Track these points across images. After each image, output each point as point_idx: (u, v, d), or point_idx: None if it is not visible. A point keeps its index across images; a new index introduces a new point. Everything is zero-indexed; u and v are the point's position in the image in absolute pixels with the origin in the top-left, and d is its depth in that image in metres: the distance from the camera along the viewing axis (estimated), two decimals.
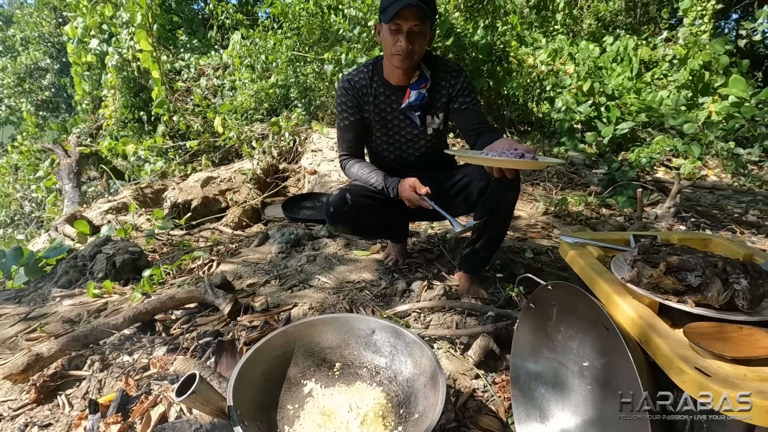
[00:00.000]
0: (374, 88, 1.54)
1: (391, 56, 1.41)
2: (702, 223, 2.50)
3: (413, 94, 1.52)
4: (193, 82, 7.67)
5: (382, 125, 1.60)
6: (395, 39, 1.37)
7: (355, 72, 1.57)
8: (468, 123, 1.56)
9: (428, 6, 1.35)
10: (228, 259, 1.99)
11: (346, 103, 1.56)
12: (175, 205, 3.36)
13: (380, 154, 1.69)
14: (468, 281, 1.67)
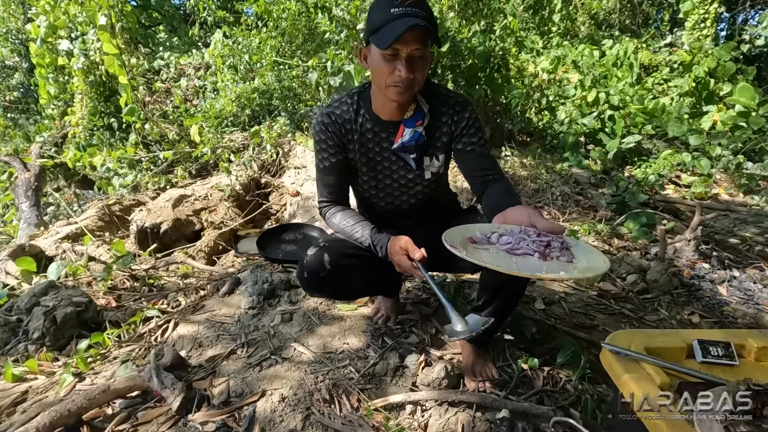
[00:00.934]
0: (360, 124, 1.24)
1: (386, 87, 1.10)
2: (726, 259, 2.26)
3: (407, 132, 1.22)
4: (173, 82, 7.29)
5: (370, 167, 1.29)
6: (392, 67, 1.07)
7: (336, 104, 1.26)
8: (473, 168, 1.26)
9: (430, 23, 1.06)
10: (189, 317, 1.68)
11: (326, 141, 1.25)
12: (142, 230, 3.03)
13: (367, 200, 1.39)
14: (473, 354, 1.39)
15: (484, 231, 1.01)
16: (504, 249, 0.94)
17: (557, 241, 0.92)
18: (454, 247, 0.88)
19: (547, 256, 0.90)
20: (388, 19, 1.03)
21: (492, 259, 0.88)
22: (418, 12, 1.03)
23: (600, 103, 3.68)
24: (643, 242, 2.49)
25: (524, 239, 0.93)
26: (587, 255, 0.90)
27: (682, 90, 4.79)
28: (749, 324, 1.75)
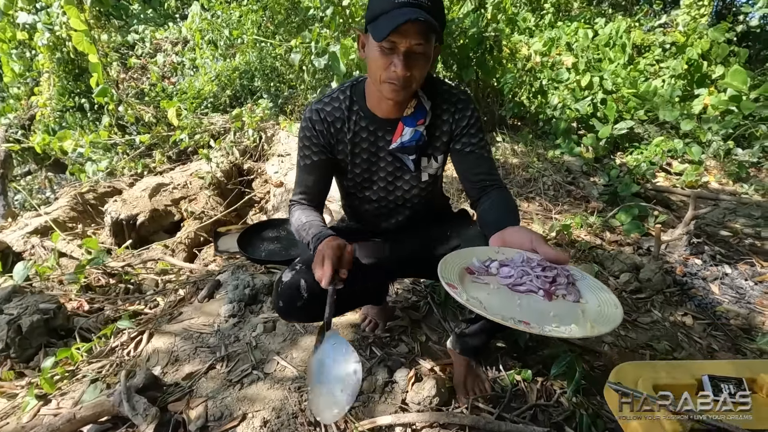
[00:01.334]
0: (353, 122, 1.12)
1: (380, 83, 0.99)
2: (717, 254, 2.23)
3: (407, 131, 1.10)
4: (149, 58, 6.93)
5: (364, 169, 1.18)
6: (387, 61, 0.95)
7: (327, 99, 1.13)
8: (471, 171, 1.16)
9: (437, 17, 0.93)
10: (164, 327, 1.58)
11: (310, 139, 1.13)
12: (117, 222, 2.88)
13: (356, 202, 1.27)
14: (465, 366, 1.33)
15: (481, 258, 0.92)
16: (506, 284, 0.84)
17: (563, 276, 0.84)
18: (452, 286, 0.78)
19: (552, 294, 0.81)
20: (389, 6, 0.91)
21: (494, 299, 0.80)
22: (423, 2, 0.91)
23: (594, 87, 3.58)
24: (635, 236, 2.45)
25: (527, 273, 0.84)
26: (595, 293, 0.82)
27: (675, 72, 4.70)
28: (742, 325, 1.73)
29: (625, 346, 1.59)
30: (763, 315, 1.80)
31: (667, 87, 4.54)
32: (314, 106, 1.13)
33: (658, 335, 1.66)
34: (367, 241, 1.26)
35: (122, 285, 2.38)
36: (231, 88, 4.62)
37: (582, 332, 0.71)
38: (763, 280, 2.04)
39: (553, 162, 3.29)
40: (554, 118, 3.53)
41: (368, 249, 1.23)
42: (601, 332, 0.71)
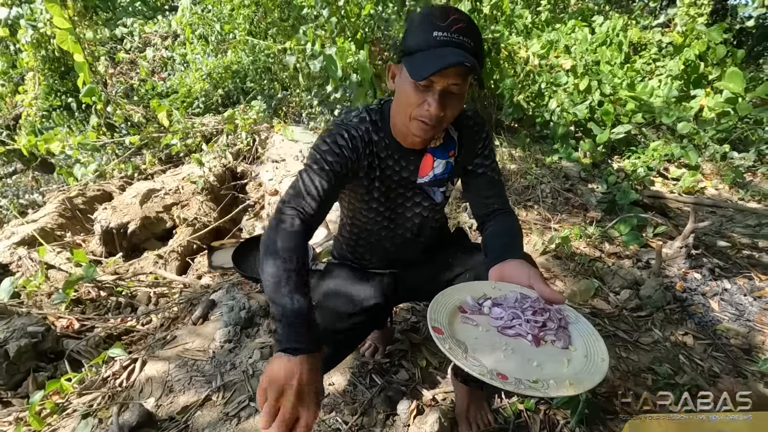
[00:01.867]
0: (379, 149, 1.03)
1: (410, 119, 0.93)
2: (716, 267, 2.22)
3: (439, 164, 1.04)
4: (138, 52, 6.78)
5: (386, 198, 1.10)
6: (421, 98, 0.89)
7: (355, 120, 1.02)
8: (481, 194, 1.12)
9: (478, 56, 0.87)
10: (158, 353, 1.53)
11: (335, 149, 0.97)
12: (107, 231, 2.80)
13: (363, 227, 1.17)
14: (467, 396, 1.31)
15: (476, 294, 0.89)
16: (495, 326, 0.82)
17: (554, 320, 0.81)
18: (438, 330, 0.75)
19: (541, 340, 0.79)
20: (428, 44, 0.85)
21: (481, 342, 0.77)
22: (465, 42, 0.85)
23: (592, 90, 3.54)
24: (634, 248, 2.44)
25: (518, 316, 0.82)
26: (585, 340, 0.79)
27: (672, 73, 4.68)
28: (742, 345, 1.72)
29: (627, 369, 1.58)
30: (763, 333, 1.80)
31: (664, 87, 4.53)
32: (341, 125, 1.01)
33: (660, 357, 1.65)
34: (373, 279, 1.20)
35: (113, 298, 2.33)
36: (223, 87, 4.52)
37: (557, 391, 0.68)
38: (761, 296, 2.04)
39: (551, 168, 3.26)
40: (552, 122, 3.50)
41: (376, 288, 1.17)
42: (579, 391, 0.68)
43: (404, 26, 0.96)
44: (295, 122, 3.77)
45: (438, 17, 0.85)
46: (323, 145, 0.97)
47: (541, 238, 2.42)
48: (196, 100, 4.50)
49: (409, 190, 1.10)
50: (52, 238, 2.83)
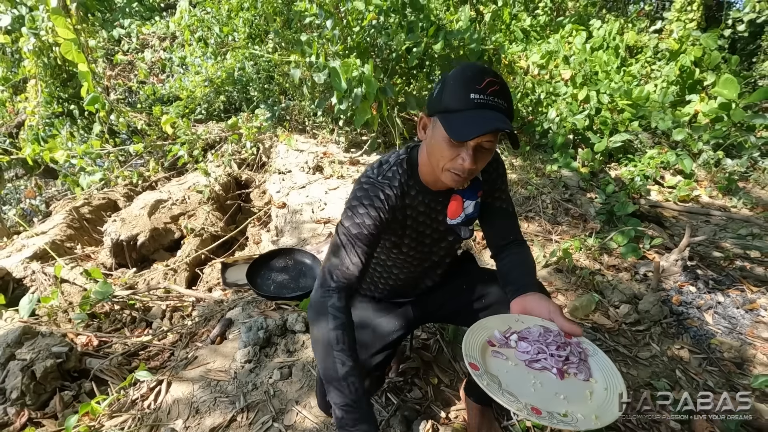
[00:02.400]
0: (411, 197, 1.10)
1: (442, 170, 0.97)
2: (710, 279, 2.32)
3: (469, 205, 1.11)
4: (136, 54, 6.76)
5: (417, 242, 1.17)
6: (455, 153, 0.93)
7: (389, 175, 1.07)
8: (498, 225, 1.20)
9: (510, 114, 0.93)
10: (182, 374, 1.60)
11: (371, 213, 1.03)
12: (118, 243, 2.85)
13: (392, 267, 1.24)
14: (479, 415, 1.40)
15: (502, 328, 0.97)
16: (523, 360, 0.90)
17: (575, 354, 0.90)
18: (474, 366, 0.83)
19: (564, 373, 0.87)
20: (464, 105, 0.89)
21: (511, 377, 0.85)
22: (500, 104, 0.90)
23: (591, 100, 3.62)
24: (632, 259, 2.53)
25: (543, 351, 0.90)
26: (605, 374, 0.87)
27: (668, 79, 4.77)
28: (734, 359, 1.82)
29: (627, 384, 1.67)
30: (754, 347, 1.90)
31: (660, 92, 4.62)
32: (378, 183, 1.06)
33: (657, 372, 1.74)
34: (394, 310, 1.28)
35: (128, 312, 2.39)
36: (225, 93, 4.54)
37: (585, 425, 0.76)
38: (753, 308, 2.14)
39: (550, 177, 3.34)
40: (551, 131, 3.57)
41: (399, 319, 1.25)
42: (604, 424, 0.77)
43: (438, 84, 1.00)
44: (299, 131, 3.81)
45: (474, 80, 0.89)
46: (360, 208, 1.03)
47: (542, 250, 2.51)
48: (198, 107, 4.51)
49: (437, 232, 1.17)
50: (63, 250, 2.88)
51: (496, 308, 1.21)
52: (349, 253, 1.01)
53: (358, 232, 1.01)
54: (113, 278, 2.69)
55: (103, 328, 2.23)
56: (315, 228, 2.59)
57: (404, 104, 3.42)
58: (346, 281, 1.00)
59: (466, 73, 0.92)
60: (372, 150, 3.53)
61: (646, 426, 1.50)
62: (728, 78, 4.30)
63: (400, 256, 1.20)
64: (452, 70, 0.96)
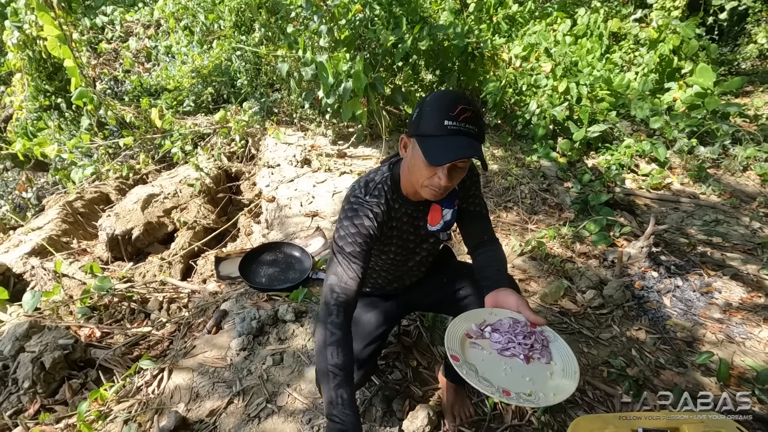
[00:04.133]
0: (396, 209, 1.23)
1: (421, 186, 1.10)
2: (672, 265, 2.50)
3: (447, 213, 1.26)
4: (120, 42, 6.70)
5: (402, 248, 1.32)
6: (431, 172, 1.06)
7: (375, 194, 1.20)
8: (473, 228, 1.35)
9: (481, 138, 1.05)
10: (181, 362, 1.74)
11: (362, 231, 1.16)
12: (113, 237, 2.95)
13: (380, 269, 1.40)
14: (453, 393, 1.56)
15: (478, 321, 1.12)
16: (495, 349, 1.06)
17: (539, 342, 1.05)
18: (455, 358, 0.98)
19: (530, 358, 1.03)
20: (440, 131, 1.00)
21: (486, 364, 1.01)
22: (471, 130, 1.01)
23: (571, 92, 3.74)
24: (602, 247, 2.70)
25: (512, 340, 1.05)
26: (563, 357, 1.03)
27: (648, 67, 4.90)
28: (686, 338, 2.01)
29: (587, 363, 1.85)
30: (705, 327, 2.09)
31: (640, 80, 4.76)
32: (366, 203, 1.18)
33: (616, 351, 1.92)
34: (378, 307, 1.43)
35: (126, 304, 2.52)
36: (212, 85, 4.57)
37: (546, 402, 0.93)
38: (708, 291, 2.33)
39: (530, 168, 3.48)
40: (531, 123, 3.70)
41: (384, 314, 1.41)
42: (560, 399, 0.93)
43: (416, 109, 1.12)
44: (288, 124, 3.88)
45: (449, 107, 1.00)
46: (351, 227, 1.16)
47: (519, 240, 2.66)
48: (186, 99, 4.55)
49: (419, 237, 1.31)
50: (59, 245, 2.97)
51: (471, 299, 1.38)
52: (346, 269, 1.14)
53: (352, 250, 1.14)
54: (110, 272, 2.80)
55: (104, 321, 2.36)
56: (303, 221, 2.72)
57: (391, 98, 3.50)
58: (346, 296, 1.13)
59: (442, 101, 1.04)
60: (359, 142, 3.63)
61: None
62: (703, 67, 4.45)
63: (387, 261, 1.36)
64: (429, 96, 1.08)
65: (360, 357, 1.31)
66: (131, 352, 2.07)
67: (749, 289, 2.36)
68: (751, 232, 3.01)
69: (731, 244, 2.85)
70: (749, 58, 7.81)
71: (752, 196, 3.64)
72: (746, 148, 4.05)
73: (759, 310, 2.20)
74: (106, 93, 4.92)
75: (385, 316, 1.42)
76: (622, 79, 4.57)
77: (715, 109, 4.30)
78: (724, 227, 3.04)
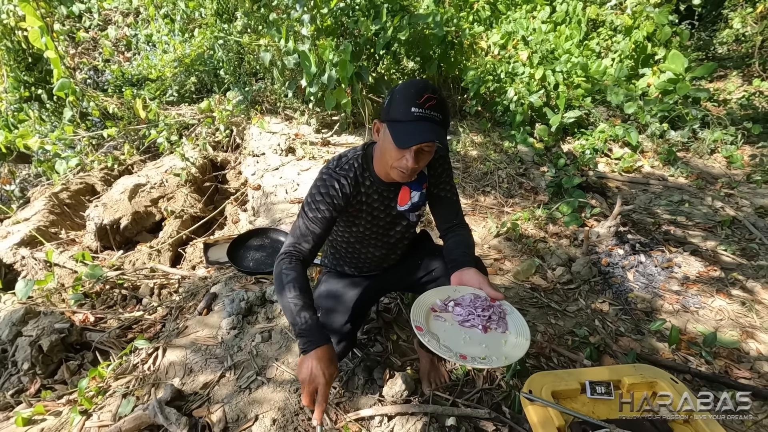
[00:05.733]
0: (365, 186, 1.32)
1: (390, 168, 1.20)
2: (637, 243, 2.67)
3: (415, 195, 1.36)
4: (98, 31, 6.60)
5: (372, 224, 1.41)
6: (400, 154, 1.15)
7: (345, 167, 1.29)
8: (444, 212, 1.46)
9: (445, 125, 1.16)
10: (174, 341, 1.85)
11: (330, 198, 1.26)
12: (101, 227, 3.01)
13: (354, 244, 1.49)
14: (429, 363, 1.70)
15: (442, 297, 1.24)
16: (457, 320, 1.18)
17: (496, 314, 1.18)
18: (419, 328, 1.11)
19: (487, 328, 1.16)
20: (407, 117, 1.10)
21: (448, 333, 1.13)
22: (436, 117, 1.10)
23: (547, 79, 3.86)
24: (573, 227, 2.86)
25: (472, 313, 1.18)
26: (516, 326, 1.17)
27: (623, 54, 5.04)
28: (645, 309, 2.18)
29: (554, 333, 2.01)
30: (663, 298, 2.26)
31: (616, 66, 4.91)
32: (335, 173, 1.27)
33: (580, 322, 2.08)
34: (359, 286, 1.55)
35: (118, 291, 2.60)
36: (195, 74, 4.58)
37: (498, 363, 1.06)
38: (669, 266, 2.50)
39: (508, 153, 3.61)
40: (510, 110, 3.82)
41: (362, 291, 1.52)
42: (511, 362, 1.07)
43: (388, 96, 1.23)
44: (272, 113, 3.94)
45: (416, 96, 1.09)
46: (317, 195, 1.26)
47: (495, 222, 2.80)
48: (169, 88, 4.55)
49: (389, 216, 1.41)
50: (48, 235, 3.02)
51: (441, 281, 1.50)
52: (304, 232, 1.25)
53: (313, 215, 1.25)
54: (101, 260, 2.87)
55: (96, 307, 2.44)
56: (289, 208, 2.81)
57: (375, 87, 3.58)
58: (299, 253, 1.24)
59: (410, 89, 1.13)
60: (342, 130, 3.71)
61: None
62: (675, 53, 4.60)
63: (359, 234, 1.45)
64: (399, 85, 1.19)
65: (342, 331, 1.43)
66: (125, 335, 2.16)
67: (706, 263, 2.55)
68: (713, 211, 3.20)
69: (694, 222, 3.03)
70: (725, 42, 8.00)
71: (717, 178, 3.84)
72: (713, 132, 4.24)
73: (713, 282, 2.38)
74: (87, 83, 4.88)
75: (365, 293, 1.53)
76: (599, 65, 4.71)
77: (686, 94, 4.46)
78: (688, 207, 3.23)
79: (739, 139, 4.20)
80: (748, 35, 7.17)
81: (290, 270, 1.20)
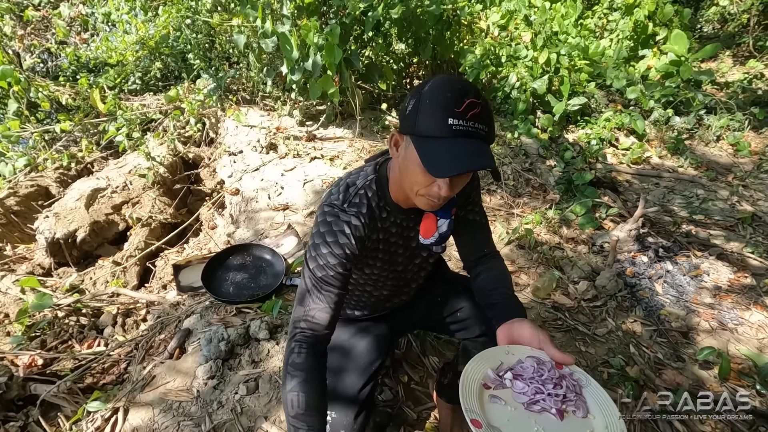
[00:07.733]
0: (383, 219, 1.03)
1: (416, 195, 0.89)
2: (660, 248, 2.44)
3: (443, 224, 1.03)
4: (51, 9, 5.96)
5: (389, 263, 1.10)
6: (430, 179, 0.84)
7: (356, 201, 0.99)
8: (471, 238, 1.14)
9: (490, 138, 0.83)
10: (139, 397, 1.51)
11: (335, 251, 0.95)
12: (54, 242, 2.60)
13: (365, 286, 1.18)
14: (450, 415, 1.42)
15: (494, 365, 0.93)
16: (521, 402, 0.88)
17: (572, 391, 0.88)
18: (476, 424, 0.79)
19: (563, 412, 0.86)
20: (443, 132, 0.79)
21: (513, 425, 0.82)
22: (480, 130, 0.80)
23: (552, 63, 3.55)
24: (590, 230, 2.60)
25: (541, 391, 0.87)
26: (602, 409, 0.87)
27: (623, 34, 4.77)
28: (681, 329, 1.95)
29: (587, 364, 1.76)
30: (698, 314, 2.03)
31: (615, 47, 4.63)
32: (343, 212, 0.97)
33: (613, 348, 1.83)
34: (370, 333, 1.24)
35: (74, 319, 2.23)
36: (161, 59, 4.09)
37: None
38: (697, 275, 2.28)
39: (511, 146, 3.31)
40: (511, 97, 3.51)
41: (376, 347, 1.21)
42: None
43: (412, 100, 0.87)
44: (249, 104, 3.52)
45: (453, 101, 0.78)
46: (323, 246, 0.94)
47: (506, 226, 2.52)
48: (131, 75, 4.06)
49: (409, 249, 1.10)
50: None
51: (471, 322, 1.21)
52: (315, 299, 0.94)
53: (324, 274, 0.94)
54: (54, 283, 2.48)
55: (48, 342, 2.07)
56: (273, 216, 2.46)
57: (366, 75, 3.21)
58: (312, 331, 0.94)
59: (444, 92, 0.80)
60: (329, 123, 3.34)
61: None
62: (678, 33, 4.34)
63: (372, 276, 1.14)
64: (428, 84, 0.84)
65: (359, 398, 1.12)
66: (81, 380, 1.82)
67: (735, 269, 2.33)
68: (730, 206, 3.00)
69: (713, 220, 2.82)
70: (711, 21, 7.82)
71: (726, 167, 3.64)
72: (720, 118, 4.04)
73: (746, 291, 2.17)
74: (36, 70, 4.33)
75: (379, 343, 1.23)
76: (597, 46, 4.42)
77: (688, 77, 4.23)
78: (704, 202, 3.01)
79: (746, 125, 4.01)
80: (733, 13, 6.98)
81: (297, 369, 0.91)
